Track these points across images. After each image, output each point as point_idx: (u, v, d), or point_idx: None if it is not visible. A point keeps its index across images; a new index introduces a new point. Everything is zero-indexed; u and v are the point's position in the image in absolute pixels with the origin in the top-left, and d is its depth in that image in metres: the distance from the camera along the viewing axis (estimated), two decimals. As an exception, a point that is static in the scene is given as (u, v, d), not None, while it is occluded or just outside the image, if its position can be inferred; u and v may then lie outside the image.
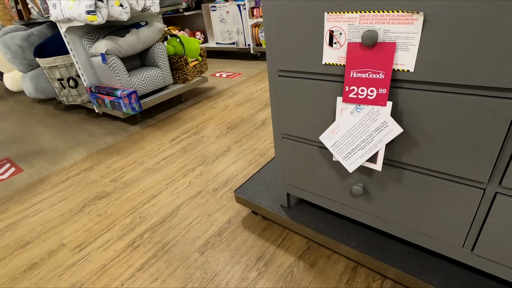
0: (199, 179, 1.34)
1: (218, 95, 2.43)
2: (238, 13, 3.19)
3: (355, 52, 0.54)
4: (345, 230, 0.83)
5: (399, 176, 0.62)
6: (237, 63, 3.38)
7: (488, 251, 0.58)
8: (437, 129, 0.52)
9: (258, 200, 0.99)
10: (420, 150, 0.56)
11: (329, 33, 0.57)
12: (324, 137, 0.65)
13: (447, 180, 0.56)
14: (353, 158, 0.62)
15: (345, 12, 0.53)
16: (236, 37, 3.36)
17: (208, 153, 1.55)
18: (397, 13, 0.48)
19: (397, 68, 0.52)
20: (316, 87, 0.64)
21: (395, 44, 0.50)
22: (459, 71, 0.46)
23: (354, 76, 0.55)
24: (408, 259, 0.73)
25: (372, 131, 0.57)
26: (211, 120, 1.96)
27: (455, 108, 0.49)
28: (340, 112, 0.61)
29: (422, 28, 0.47)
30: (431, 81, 0.50)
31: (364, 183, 0.69)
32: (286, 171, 0.85)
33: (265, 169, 1.15)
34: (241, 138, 1.66)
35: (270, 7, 0.63)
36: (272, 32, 0.66)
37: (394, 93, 0.54)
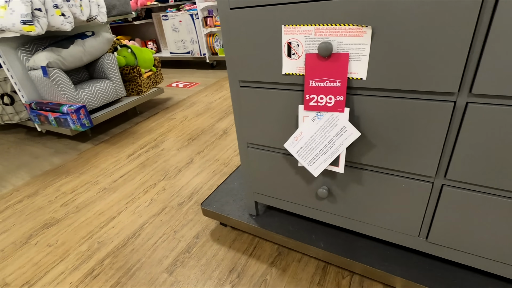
0: (161, 194, 1.28)
1: (176, 106, 2.36)
2: (191, 23, 3.16)
3: (313, 62, 0.56)
4: (314, 232, 0.86)
5: (359, 177, 0.66)
6: (194, 73, 3.33)
7: (441, 238, 0.64)
8: (389, 131, 0.57)
9: (226, 211, 0.98)
10: (376, 151, 0.61)
11: (287, 44, 0.59)
12: (288, 144, 0.67)
13: (401, 177, 0.62)
14: (317, 163, 0.65)
15: (301, 25, 0.56)
16: (190, 46, 3.32)
17: (170, 167, 1.49)
18: (348, 26, 0.51)
19: (352, 77, 0.56)
20: (278, 97, 0.66)
21: (348, 54, 0.53)
22: (403, 78, 0.51)
23: (313, 85, 0.58)
24: (373, 253, 0.78)
25: (333, 136, 0.61)
26: (170, 132, 1.90)
27: (402, 111, 0.54)
28: (302, 120, 0.63)
29: (371, 40, 0.51)
30: (381, 87, 0.54)
31: (329, 186, 0.72)
32: (253, 179, 0.86)
33: (230, 179, 1.14)
34: (203, 149, 1.64)
35: (228, 20, 0.64)
36: (232, 44, 0.66)
37: (350, 100, 0.58)
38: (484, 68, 0.45)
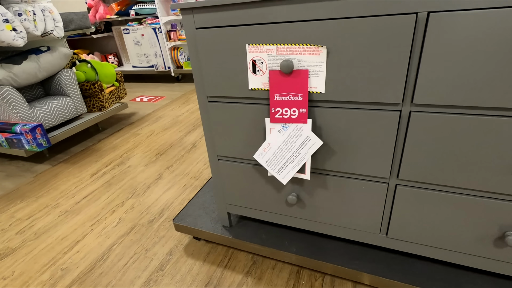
0: (130, 213, 1.24)
1: (141, 120, 2.31)
2: (154, 36, 3.13)
3: (276, 78, 0.61)
4: (286, 238, 0.89)
5: (324, 182, 0.72)
6: (158, 86, 3.28)
7: (399, 233, 0.71)
8: (347, 138, 0.63)
9: (199, 224, 0.98)
10: (338, 157, 0.66)
11: (252, 62, 0.63)
12: (258, 155, 0.71)
13: (361, 179, 0.68)
14: (285, 171, 0.69)
15: (264, 44, 0.60)
16: (154, 60, 3.28)
17: (138, 184, 1.45)
18: (306, 46, 0.57)
19: (312, 91, 0.61)
20: (245, 110, 0.70)
21: (308, 71, 0.59)
22: (355, 91, 0.58)
23: (277, 99, 0.62)
24: (341, 253, 0.83)
25: (299, 146, 0.65)
26: (137, 148, 1.84)
27: (357, 120, 0.60)
28: (269, 131, 0.67)
29: (327, 58, 0.57)
30: (338, 100, 0.60)
31: (297, 192, 0.76)
32: (225, 191, 0.88)
33: (202, 192, 1.14)
34: (172, 164, 1.61)
35: (194, 39, 0.67)
36: (199, 62, 0.69)
37: (312, 112, 0.63)
38: (422, 82, 0.52)
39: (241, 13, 0.60)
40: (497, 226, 0.60)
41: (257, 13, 0.58)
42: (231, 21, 0.61)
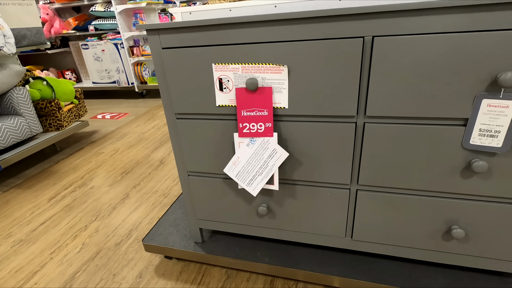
0: (95, 237, 1.18)
1: (104, 138, 2.21)
2: (116, 52, 3.06)
3: (242, 95, 0.64)
4: (258, 249, 0.91)
5: (292, 191, 0.75)
6: (122, 103, 3.18)
7: (362, 235, 0.76)
8: (311, 149, 0.68)
9: (170, 242, 0.96)
10: (303, 167, 0.71)
11: (219, 80, 0.66)
12: (228, 169, 0.73)
13: (325, 187, 0.72)
14: (255, 183, 0.71)
15: (229, 64, 0.63)
16: (116, 76, 3.18)
17: (102, 205, 1.38)
18: (268, 65, 0.61)
19: (276, 106, 0.65)
20: (214, 126, 0.72)
21: (272, 88, 0.63)
22: (315, 106, 0.63)
23: (244, 114, 0.66)
24: (312, 259, 0.86)
25: (266, 158, 0.68)
26: (100, 167, 1.76)
27: (318, 132, 0.65)
28: (238, 146, 0.69)
29: (288, 76, 0.61)
30: (300, 114, 0.65)
31: (267, 203, 0.79)
32: (196, 206, 0.88)
33: (172, 210, 1.13)
34: (139, 182, 1.57)
35: (161, 58, 0.68)
36: (166, 80, 0.70)
37: (277, 126, 0.67)
38: (372, 96, 0.59)
39: (206, 34, 0.63)
40: (443, 222, 0.68)
41: (221, 34, 0.62)
42: (196, 41, 0.64)
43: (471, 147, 0.58)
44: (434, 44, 0.52)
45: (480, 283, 0.75)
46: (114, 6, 2.81)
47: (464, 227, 0.67)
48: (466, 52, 0.51)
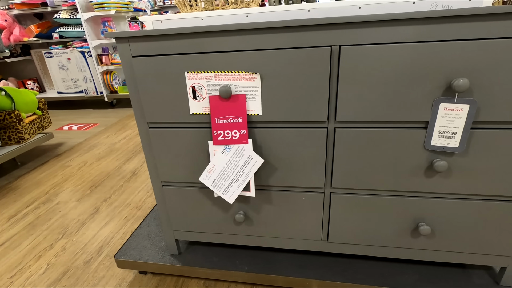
0: (61, 256, 1.10)
1: (70, 151, 2.09)
2: (83, 60, 2.93)
3: (216, 103, 0.65)
4: (237, 258, 0.90)
5: (269, 197, 0.76)
6: (90, 113, 3.04)
7: (338, 236, 0.78)
8: (285, 155, 0.69)
9: (145, 257, 0.92)
10: (278, 173, 0.72)
11: (192, 88, 0.66)
12: (203, 178, 0.72)
13: (301, 191, 0.74)
14: (231, 191, 0.71)
15: (202, 72, 0.64)
16: (84, 85, 3.05)
17: (69, 222, 1.30)
18: (241, 73, 0.62)
19: (250, 113, 0.66)
20: (188, 134, 0.71)
21: (245, 95, 0.64)
22: (288, 112, 0.64)
23: (219, 122, 0.66)
24: (290, 264, 0.87)
25: (242, 165, 0.69)
26: (67, 181, 1.66)
27: (292, 138, 0.67)
28: (213, 153, 0.69)
29: (261, 84, 0.63)
30: (274, 120, 0.66)
31: (244, 210, 0.79)
32: (171, 217, 0.85)
33: (146, 222, 1.09)
34: (110, 195, 1.50)
35: (131, 66, 0.67)
36: (137, 89, 0.69)
37: (252, 132, 0.68)
38: (341, 102, 0.62)
39: (178, 42, 0.62)
40: (412, 220, 0.72)
41: (194, 43, 0.62)
42: (168, 50, 0.64)
43: (432, 148, 0.62)
44: (395, 53, 0.56)
45: (445, 276, 0.79)
46: (80, 14, 2.72)
47: (430, 224, 0.71)
48: (423, 60, 0.55)
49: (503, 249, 0.71)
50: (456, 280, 0.78)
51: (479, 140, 0.60)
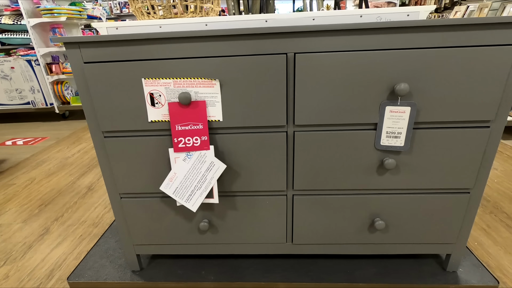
0: (4, 285, 0.98)
1: (15, 168, 1.90)
2: (30, 69, 2.71)
3: (176, 110, 0.64)
4: (203, 268, 0.88)
5: (233, 203, 0.76)
6: (39, 126, 2.79)
7: (302, 238, 0.80)
8: (247, 160, 0.70)
9: (103, 276, 0.86)
10: (241, 178, 0.72)
11: (150, 95, 0.64)
12: (164, 187, 0.70)
13: (264, 195, 0.75)
14: (194, 199, 0.70)
15: (160, 78, 0.63)
16: (31, 96, 2.80)
17: (14, 246, 1.17)
18: (201, 79, 0.62)
19: (211, 119, 0.66)
20: (147, 143, 0.69)
21: (205, 102, 0.64)
22: (248, 118, 0.66)
23: (179, 129, 0.65)
24: (257, 269, 0.87)
25: (204, 171, 0.68)
26: (10, 201, 1.50)
27: (253, 143, 0.68)
28: (174, 161, 0.68)
29: (221, 90, 0.63)
30: (235, 126, 0.67)
31: (208, 218, 0.78)
32: (131, 231, 0.81)
33: (104, 239, 1.02)
34: (63, 213, 1.38)
35: (83, 73, 0.64)
36: (90, 96, 0.65)
37: (213, 138, 0.68)
38: (299, 107, 0.64)
39: (134, 48, 0.61)
40: (368, 216, 0.76)
41: (151, 49, 0.61)
42: (123, 56, 0.62)
43: (381, 148, 0.67)
44: (344, 60, 0.60)
45: (400, 266, 0.85)
46: (25, 20, 2.52)
47: (385, 219, 0.76)
48: (370, 67, 0.60)
49: (447, 238, 0.78)
50: (410, 270, 0.84)
51: (420, 138, 0.66)
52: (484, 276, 0.81)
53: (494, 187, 1.46)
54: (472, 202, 0.73)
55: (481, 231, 1.16)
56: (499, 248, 1.07)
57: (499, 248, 1.07)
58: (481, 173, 0.69)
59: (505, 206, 1.31)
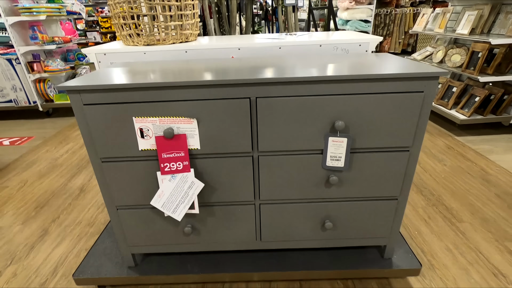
0: (13, 282, 1.13)
1: (5, 170, 1.99)
2: (10, 68, 2.71)
3: (162, 141, 0.79)
4: (188, 263, 1.05)
5: (211, 212, 0.93)
6: (23, 124, 2.83)
7: (268, 236, 0.99)
8: (221, 178, 0.87)
9: (104, 272, 1.02)
10: (217, 192, 0.89)
11: (140, 129, 0.79)
12: (154, 202, 0.86)
13: (236, 205, 0.92)
14: (179, 210, 0.86)
15: (148, 117, 0.77)
16: (13, 94, 2.82)
17: (17, 247, 1.31)
18: (181, 118, 0.77)
19: (191, 148, 0.82)
20: (139, 166, 0.84)
21: (186, 135, 0.79)
22: (221, 146, 0.82)
23: (165, 156, 0.80)
24: (234, 262, 1.05)
25: (187, 189, 0.84)
26: (6, 204, 1.61)
27: (226, 165, 0.85)
28: (161, 181, 0.83)
29: (198, 126, 0.79)
30: (210, 153, 0.83)
31: (192, 224, 0.95)
32: (127, 235, 0.97)
33: (101, 240, 1.17)
34: (59, 215, 1.51)
35: (83, 113, 0.77)
36: (89, 130, 0.79)
37: (193, 163, 0.84)
38: (261, 137, 0.81)
39: (125, 94, 0.75)
40: (320, 219, 0.95)
41: (140, 95, 0.75)
42: (117, 99, 0.75)
43: (327, 168, 0.85)
44: (295, 102, 0.76)
45: (348, 255, 1.06)
46: (4, 18, 2.50)
47: (333, 220, 0.96)
48: (315, 108, 0.77)
49: (382, 233, 0.98)
50: (356, 257, 1.05)
51: (357, 160, 0.85)
52: (412, 261, 1.03)
53: (441, 182, 1.70)
54: (399, 206, 0.93)
55: (422, 221, 1.39)
56: (434, 236, 1.30)
57: (434, 236, 1.30)
58: (405, 184, 0.89)
59: (447, 199, 1.54)
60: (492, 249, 1.21)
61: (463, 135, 2.27)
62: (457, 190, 1.61)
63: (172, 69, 0.90)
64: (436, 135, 2.28)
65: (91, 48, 1.12)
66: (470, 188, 1.62)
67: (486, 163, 1.86)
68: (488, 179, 1.69)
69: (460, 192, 1.59)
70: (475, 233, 1.30)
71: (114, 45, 1.19)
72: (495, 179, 1.69)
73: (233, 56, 1.11)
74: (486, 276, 1.09)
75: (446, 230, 1.33)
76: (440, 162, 1.90)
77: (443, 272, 1.12)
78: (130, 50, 1.11)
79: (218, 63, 0.98)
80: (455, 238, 1.28)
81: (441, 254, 1.19)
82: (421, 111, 0.78)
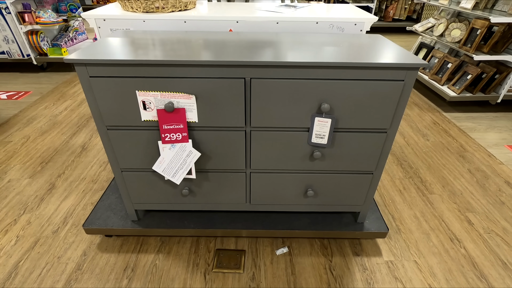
0: (28, 229, 1.27)
1: (7, 124, 2.05)
2: (1, 18, 2.62)
3: (162, 114, 0.86)
4: (185, 219, 1.19)
5: (206, 177, 1.04)
6: (18, 78, 2.81)
7: (256, 200, 1.11)
8: (217, 148, 0.96)
9: (110, 224, 1.16)
10: (212, 160, 0.99)
11: (142, 102, 0.85)
12: (155, 167, 0.95)
13: (229, 172, 1.03)
14: (178, 175, 0.97)
15: (150, 91, 0.83)
16: (5, 46, 2.76)
17: (28, 198, 1.43)
18: (181, 93, 0.84)
19: (189, 121, 0.89)
20: (142, 135, 0.92)
21: (185, 109, 0.86)
22: (217, 120, 0.89)
23: (165, 127, 0.88)
24: (225, 220, 1.20)
25: (185, 157, 0.94)
26: (13, 158, 1.71)
27: (221, 137, 0.93)
28: (162, 150, 0.92)
29: (196, 100, 0.85)
30: (207, 125, 0.91)
31: (189, 187, 1.06)
32: (131, 194, 1.09)
33: (106, 196, 1.30)
34: (64, 171, 1.62)
35: (90, 85, 0.83)
36: (95, 101, 0.86)
37: (192, 134, 0.92)
38: (253, 114, 0.88)
39: (129, 69, 0.80)
40: (304, 187, 1.07)
41: (142, 70, 0.80)
42: (121, 73, 0.81)
43: (312, 144, 0.94)
44: (286, 84, 0.83)
45: (326, 219, 1.20)
46: (-11, -38, 2.35)
47: (314, 189, 1.08)
48: (304, 90, 0.84)
49: (357, 201, 1.12)
50: (332, 221, 1.20)
51: (339, 138, 0.94)
52: (381, 225, 1.19)
53: (420, 156, 1.82)
54: (374, 179, 1.05)
55: (397, 192, 1.54)
56: (405, 205, 1.46)
57: (405, 205, 1.46)
58: (381, 161, 1.00)
59: (423, 172, 1.68)
60: (453, 218, 1.38)
61: (451, 111, 2.35)
62: (434, 164, 1.74)
63: (172, 41, 0.94)
64: (425, 110, 2.36)
65: (90, 13, 1.12)
66: (446, 163, 1.75)
67: (466, 140, 1.98)
68: (464, 156, 1.82)
69: (436, 167, 1.73)
70: (442, 204, 1.46)
71: (113, 10, 1.19)
72: (471, 155, 1.82)
73: (231, 29, 1.13)
74: (443, 240, 1.26)
75: (417, 200, 1.48)
76: (423, 137, 2.01)
77: (407, 235, 1.28)
78: (129, 17, 1.12)
79: (217, 36, 1.01)
80: (423, 207, 1.44)
81: (408, 221, 1.36)
82: (400, 98, 0.85)
